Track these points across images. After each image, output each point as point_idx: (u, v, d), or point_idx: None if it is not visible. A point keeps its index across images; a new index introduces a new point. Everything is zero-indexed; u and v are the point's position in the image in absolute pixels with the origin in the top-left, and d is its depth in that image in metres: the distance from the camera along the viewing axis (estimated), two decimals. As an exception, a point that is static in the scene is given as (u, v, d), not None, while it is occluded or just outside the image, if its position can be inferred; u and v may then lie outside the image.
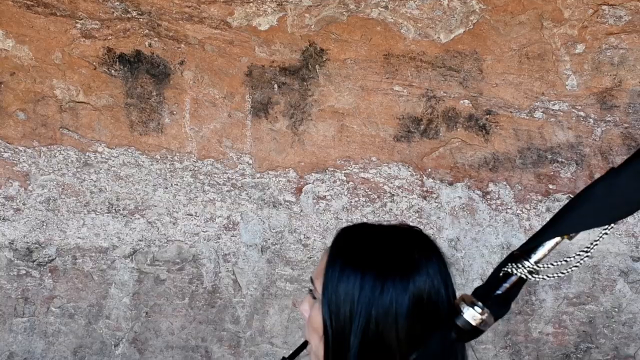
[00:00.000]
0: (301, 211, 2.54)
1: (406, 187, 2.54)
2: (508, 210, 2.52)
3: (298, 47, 2.53)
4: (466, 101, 2.53)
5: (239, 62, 2.53)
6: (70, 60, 2.52)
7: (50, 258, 2.53)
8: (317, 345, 1.01)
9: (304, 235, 2.53)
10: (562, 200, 2.50)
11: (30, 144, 2.53)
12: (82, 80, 2.53)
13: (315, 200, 2.54)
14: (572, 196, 2.52)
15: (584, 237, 0.91)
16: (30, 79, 2.52)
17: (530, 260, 0.83)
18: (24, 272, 2.52)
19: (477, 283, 2.40)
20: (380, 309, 0.95)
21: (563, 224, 0.81)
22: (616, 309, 2.50)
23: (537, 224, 2.51)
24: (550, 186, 2.52)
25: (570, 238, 0.83)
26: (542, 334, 2.50)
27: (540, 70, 2.51)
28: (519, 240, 2.49)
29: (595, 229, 0.84)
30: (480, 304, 0.82)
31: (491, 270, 2.50)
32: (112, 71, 2.53)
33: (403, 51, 2.53)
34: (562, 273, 0.86)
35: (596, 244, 0.81)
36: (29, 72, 2.52)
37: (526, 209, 2.52)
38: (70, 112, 2.53)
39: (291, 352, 1.12)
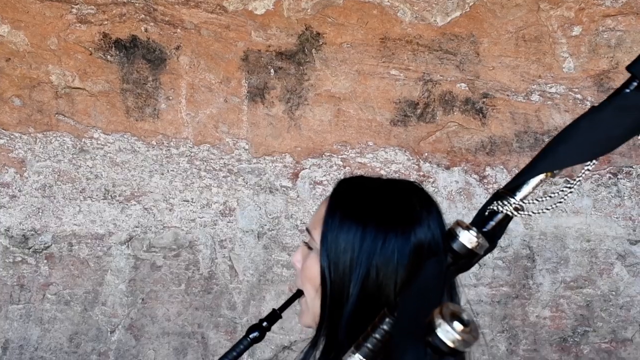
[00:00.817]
0: (298, 196, 2.53)
1: (403, 171, 2.53)
2: (505, 194, 2.52)
3: (294, 31, 2.53)
4: (463, 84, 2.53)
5: (235, 46, 2.53)
6: (66, 45, 2.51)
7: (46, 245, 2.52)
8: (312, 297, 1.00)
9: (301, 220, 2.53)
10: (559, 183, 2.50)
11: (26, 130, 2.52)
12: (77, 66, 2.52)
13: (311, 186, 2.53)
14: (568, 179, 2.52)
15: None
16: (26, 64, 2.51)
17: (515, 197, 0.83)
18: (20, 259, 2.51)
19: (475, 268, 2.39)
20: (381, 259, 0.95)
21: (546, 161, 0.81)
22: (613, 293, 2.50)
23: (534, 208, 2.50)
24: (547, 170, 2.51)
25: (553, 175, 0.83)
26: (540, 317, 2.49)
27: (537, 52, 2.51)
28: (516, 224, 2.48)
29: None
30: (474, 228, 0.80)
31: (488, 256, 2.49)
32: (108, 56, 2.52)
33: (400, 35, 2.52)
34: (547, 209, 0.86)
35: (579, 181, 0.81)
36: (24, 57, 2.51)
37: (523, 192, 2.52)
38: (66, 98, 2.52)
39: (282, 303, 1.12)
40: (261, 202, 2.54)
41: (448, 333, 0.63)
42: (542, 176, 0.83)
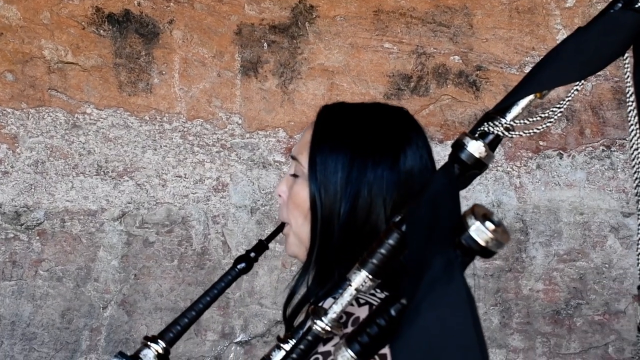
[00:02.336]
0: (291, 171, 2.52)
1: (396, 145, 2.52)
2: (498, 168, 2.51)
3: (287, 4, 2.52)
4: (456, 57, 2.52)
5: (228, 20, 2.52)
6: (59, 20, 2.50)
7: (39, 221, 2.51)
8: (299, 224, 1.00)
9: (294, 195, 2.52)
10: (553, 156, 2.50)
11: (18, 105, 2.51)
12: (70, 41, 2.51)
13: (305, 161, 2.52)
14: (562, 153, 2.52)
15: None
16: (19, 39, 2.50)
17: (505, 117, 0.82)
18: (12, 235, 2.50)
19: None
20: (372, 178, 0.95)
21: (535, 81, 0.80)
22: (607, 265, 2.49)
23: (528, 181, 2.50)
24: (541, 143, 2.51)
25: (542, 97, 0.82)
26: (533, 291, 2.49)
27: (531, 24, 2.50)
28: (509, 197, 2.48)
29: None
30: (482, 139, 0.78)
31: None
32: (101, 31, 2.51)
33: (393, 7, 2.52)
34: (538, 129, 0.85)
35: (569, 100, 0.80)
36: (17, 32, 2.50)
37: (516, 166, 2.51)
38: (58, 73, 2.51)
39: (267, 235, 1.12)
40: (254, 177, 2.53)
41: (481, 232, 0.60)
42: (531, 97, 0.82)
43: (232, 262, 2.55)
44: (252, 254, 1.12)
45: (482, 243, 0.60)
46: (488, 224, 0.60)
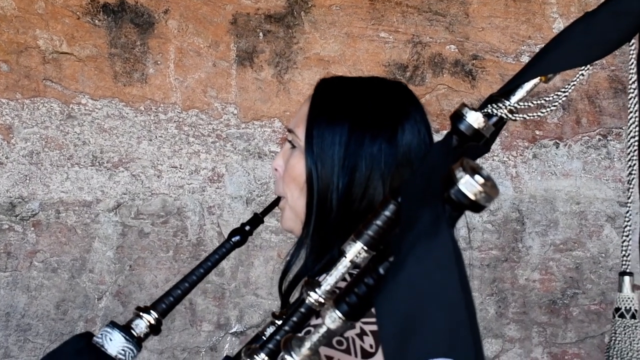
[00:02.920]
0: (286, 162, 2.52)
1: (392, 135, 2.52)
2: (494, 158, 2.51)
3: (283, -7, 2.51)
4: (452, 46, 2.51)
5: (223, 10, 2.51)
6: (54, 9, 2.49)
7: (34, 212, 2.50)
8: (296, 197, 0.99)
9: (290, 186, 2.51)
10: (549, 146, 2.49)
11: (13, 96, 2.50)
12: (65, 31, 2.50)
13: (300, 151, 2.51)
14: (558, 142, 2.52)
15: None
16: (13, 29, 2.49)
17: (510, 100, 0.81)
18: (7, 226, 2.49)
19: (464, 232, 2.38)
20: (369, 154, 0.94)
21: (541, 65, 0.79)
22: (603, 255, 2.49)
23: (524, 171, 2.50)
24: (537, 132, 2.50)
25: (547, 80, 0.81)
26: (529, 280, 2.48)
27: (527, 13, 2.50)
28: (505, 187, 2.48)
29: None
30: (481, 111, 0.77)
31: (478, 219, 2.47)
32: (96, 21, 2.50)
33: (389, -4, 2.51)
34: (542, 112, 0.84)
35: (574, 84, 0.80)
36: (11, 22, 2.49)
37: (512, 155, 2.51)
38: (53, 64, 2.50)
39: (263, 209, 1.11)
40: (250, 168, 2.52)
41: (470, 185, 0.58)
42: (536, 80, 0.82)
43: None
44: (247, 227, 1.11)
45: (472, 197, 0.58)
46: (477, 177, 0.59)
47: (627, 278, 0.87)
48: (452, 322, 0.57)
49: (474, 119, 0.74)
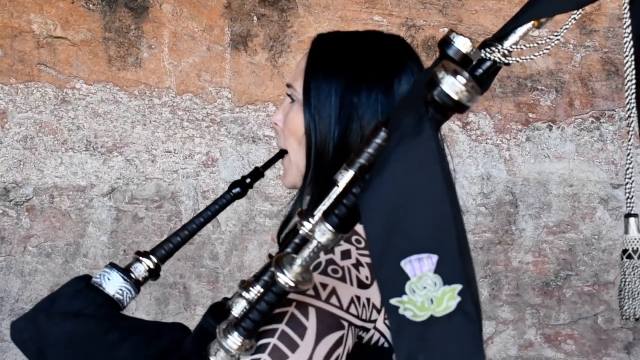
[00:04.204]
0: (281, 146, 2.52)
1: (386, 119, 2.52)
2: (488, 141, 2.51)
3: (277, -24, 2.51)
4: (446, 29, 2.51)
5: (218, -7, 2.52)
6: (48, -7, 2.49)
7: (28, 197, 2.50)
8: (296, 151, 1.01)
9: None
10: (542, 129, 2.50)
11: (7, 81, 2.50)
12: (59, 15, 2.50)
13: (294, 135, 2.51)
14: (551, 125, 2.52)
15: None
16: (7, 13, 2.49)
17: (503, 44, 0.81)
18: (1, 211, 2.49)
19: (457, 215, 2.39)
20: (365, 104, 0.95)
21: (534, 9, 0.80)
22: (596, 237, 2.49)
23: (517, 154, 2.50)
24: (530, 115, 2.50)
25: (540, 25, 0.81)
26: (522, 263, 2.48)
27: (520, -5, 2.50)
28: (499, 170, 2.48)
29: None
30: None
31: (471, 202, 2.47)
32: (90, 5, 2.50)
33: (382, -21, 2.51)
34: (535, 55, 0.85)
35: (566, 28, 0.80)
36: (6, 6, 2.49)
37: (506, 139, 2.51)
38: (47, 48, 2.50)
39: (265, 162, 1.12)
40: (244, 152, 2.52)
41: (453, 85, 0.58)
42: (529, 25, 0.82)
43: (221, 237, 2.55)
44: (248, 180, 1.12)
45: (455, 96, 0.58)
46: (459, 77, 0.59)
47: (632, 219, 0.87)
48: (436, 218, 0.57)
49: (462, 44, 0.74)
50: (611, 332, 2.48)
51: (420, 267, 0.58)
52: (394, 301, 0.59)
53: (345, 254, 0.86)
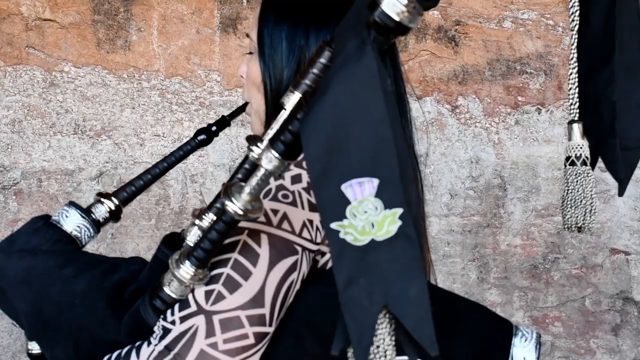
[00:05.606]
0: (270, 129, 2.51)
1: (375, 102, 2.51)
2: (477, 124, 2.51)
3: (267, -41, 2.51)
4: (435, 12, 2.51)
5: (207, -24, 2.51)
6: (37, -24, 2.48)
7: (15, 181, 2.48)
8: (258, 101, 1.02)
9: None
10: (531, 112, 2.49)
11: (-5, 63, 2.48)
12: (48, -3, 2.49)
13: (284, 118, 2.51)
14: (540, 108, 2.52)
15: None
16: (-4, -5, 2.48)
17: None
18: (-12, 195, 2.47)
19: (446, 198, 2.38)
20: (314, 46, 0.96)
21: None
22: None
23: (506, 137, 2.50)
24: (519, 98, 2.50)
25: None
26: (510, 246, 2.48)
27: (509, -22, 2.50)
28: (487, 154, 2.48)
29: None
30: None
31: (460, 186, 2.46)
32: (79, -13, 2.49)
33: (372, -38, 2.51)
34: None
35: None
36: (-6, -12, 2.48)
37: (495, 122, 2.51)
38: (36, 31, 2.49)
39: (231, 112, 1.13)
40: (233, 136, 2.51)
41: (393, 6, 0.56)
42: None
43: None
44: (214, 128, 1.13)
45: (396, 17, 0.57)
46: None
47: (575, 126, 0.87)
48: (377, 142, 0.57)
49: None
50: (599, 314, 2.48)
51: (361, 191, 0.57)
52: (334, 225, 0.58)
53: (296, 178, 0.86)
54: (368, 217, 0.57)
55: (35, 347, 0.98)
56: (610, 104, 0.94)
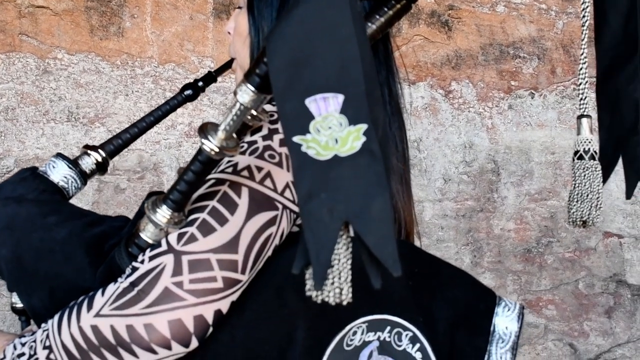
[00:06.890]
0: (263, 115, 2.51)
1: (369, 88, 2.51)
2: (470, 109, 2.50)
3: (259, -56, 2.50)
4: (429, -4, 2.52)
5: (200, -39, 2.50)
6: (29, -38, 2.47)
7: (9, 169, 2.48)
8: (243, 56, 1.02)
9: (266, 140, 2.50)
10: (524, 96, 2.49)
11: (-12, 51, 2.48)
12: (41, -16, 2.48)
13: (277, 105, 2.50)
14: (534, 92, 2.52)
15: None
16: (-12, -18, 2.47)
17: None
18: (-18, 183, 2.47)
19: (440, 183, 2.38)
20: None
21: None
22: (577, 203, 2.49)
23: (499, 122, 2.50)
24: (513, 82, 2.50)
25: None
26: (504, 230, 2.48)
27: (502, -38, 2.50)
28: (481, 139, 2.47)
29: None
30: None
31: (454, 171, 2.46)
32: (72, -26, 2.49)
33: (365, -54, 2.50)
34: None
35: None
36: (-13, -25, 2.47)
37: (488, 107, 2.51)
38: (29, 18, 2.48)
39: (217, 67, 1.13)
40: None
41: None
42: None
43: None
44: (200, 84, 1.13)
45: None
46: None
47: (584, 120, 0.87)
48: (344, 58, 0.56)
49: None
50: (592, 297, 2.48)
51: (325, 106, 0.57)
52: (296, 139, 0.58)
53: (284, 142, 0.87)
54: (332, 132, 0.57)
55: (19, 301, 0.99)
56: (633, 102, 0.95)
